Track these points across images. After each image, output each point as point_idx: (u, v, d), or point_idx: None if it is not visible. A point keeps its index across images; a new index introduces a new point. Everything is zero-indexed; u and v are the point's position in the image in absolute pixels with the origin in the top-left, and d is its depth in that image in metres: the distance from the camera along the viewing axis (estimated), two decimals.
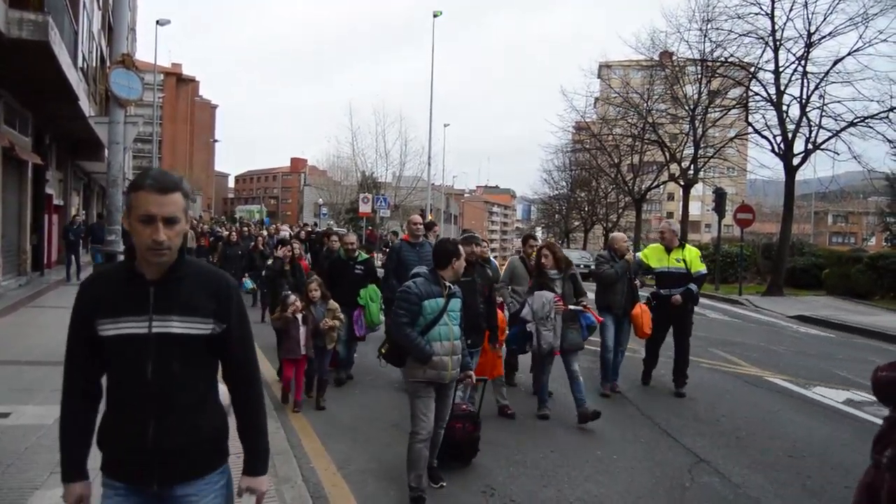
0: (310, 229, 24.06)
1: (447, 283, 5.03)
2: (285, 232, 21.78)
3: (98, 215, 28.54)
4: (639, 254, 9.67)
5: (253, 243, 16.73)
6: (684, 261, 8.63)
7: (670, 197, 73.08)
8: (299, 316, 7.31)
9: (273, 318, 7.63)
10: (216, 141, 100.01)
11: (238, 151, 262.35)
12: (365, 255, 9.01)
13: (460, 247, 5.31)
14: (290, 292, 7.89)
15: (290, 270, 9.48)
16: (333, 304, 7.66)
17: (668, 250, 8.75)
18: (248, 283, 14.78)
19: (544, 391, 7.44)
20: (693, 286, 8.60)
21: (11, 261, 16.15)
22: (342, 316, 7.76)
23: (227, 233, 21.55)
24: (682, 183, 32.46)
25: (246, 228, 21.35)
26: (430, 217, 40.07)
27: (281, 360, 7.83)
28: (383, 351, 5.29)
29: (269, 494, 4.65)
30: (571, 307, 7.24)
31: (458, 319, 5.02)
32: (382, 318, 8.28)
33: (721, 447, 6.41)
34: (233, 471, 2.68)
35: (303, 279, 8.78)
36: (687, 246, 8.98)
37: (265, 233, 21.65)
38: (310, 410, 7.36)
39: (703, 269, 8.83)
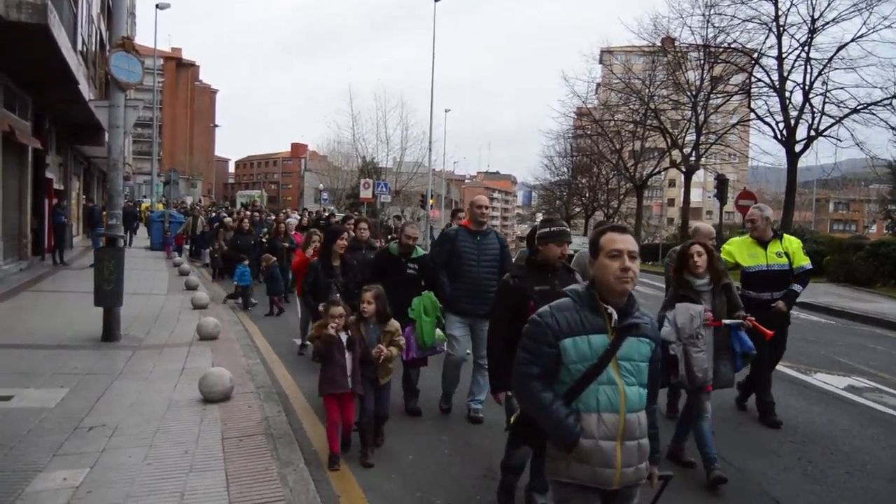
0: (322, 215, 23.29)
1: (611, 311, 2.86)
2: (294, 218, 20.77)
3: (88, 199, 28.45)
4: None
5: (266, 229, 16.16)
6: (787, 254, 6.91)
7: (671, 183, 73.03)
8: (343, 336, 5.33)
9: (311, 334, 5.61)
10: (216, 126, 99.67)
11: (238, 136, 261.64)
12: (420, 251, 7.18)
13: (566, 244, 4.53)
14: (338, 296, 6.45)
15: (341, 267, 7.54)
16: (394, 324, 5.66)
17: (762, 243, 6.99)
18: (248, 274, 14.09)
19: (709, 442, 5.17)
20: (797, 286, 6.92)
21: (12, 245, 16.14)
22: (403, 341, 5.86)
23: (228, 218, 21.16)
24: (683, 169, 32.40)
25: (257, 214, 20.65)
26: (431, 202, 40.06)
27: (322, 394, 5.45)
28: (512, 421, 3.37)
29: (271, 478, 4.68)
30: (727, 322, 5.47)
31: (639, 376, 2.89)
32: (441, 334, 6.57)
33: (723, 432, 6.42)
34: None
35: (355, 280, 7.17)
36: (785, 235, 7.20)
37: (291, 217, 20.85)
38: (312, 395, 7.36)
39: (807, 263, 7.00)
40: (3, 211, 14.65)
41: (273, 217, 22.16)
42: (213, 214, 26.75)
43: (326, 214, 23.46)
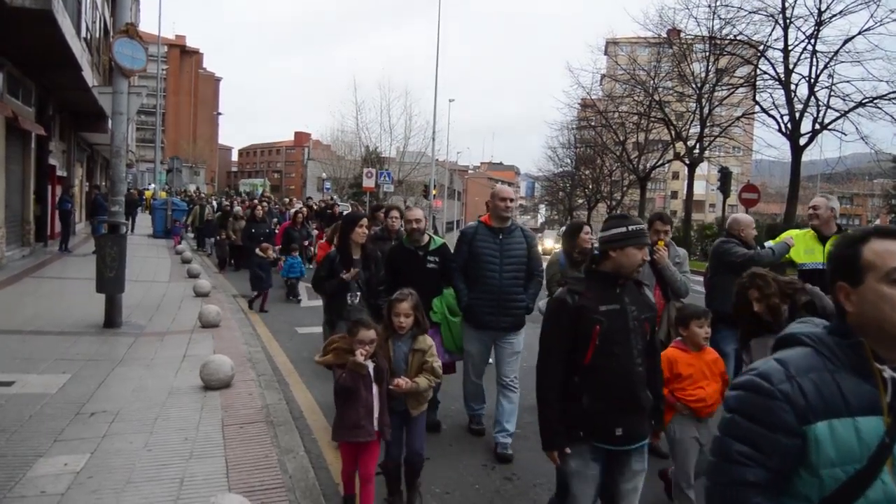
0: (328, 204, 22.60)
1: (889, 375, 1.61)
2: (299, 206, 20.08)
3: (94, 186, 28.42)
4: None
5: (276, 219, 15.63)
6: None
7: (675, 176, 72.90)
8: (370, 365, 4.07)
9: (324, 357, 4.24)
10: (219, 114, 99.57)
11: (242, 125, 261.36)
12: (439, 240, 6.17)
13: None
14: (361, 310, 5.56)
15: (362, 260, 5.97)
16: (426, 341, 4.40)
17: (823, 238, 6.03)
18: (300, 264, 13.58)
19: None
20: None
21: (15, 231, 16.15)
22: (439, 365, 4.42)
23: (238, 207, 20.51)
24: (687, 162, 32.28)
25: (265, 202, 19.54)
26: (434, 192, 39.97)
27: (338, 440, 4.34)
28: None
29: (271, 465, 4.70)
30: None
31: None
32: None
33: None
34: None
35: (379, 276, 5.99)
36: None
37: (296, 207, 20.04)
38: (312, 383, 7.38)
39: None
40: (7, 197, 14.65)
41: (277, 206, 22.00)
42: (217, 203, 26.54)
43: (332, 203, 22.88)
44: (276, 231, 15.64)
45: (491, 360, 5.94)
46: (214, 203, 24.55)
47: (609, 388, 3.22)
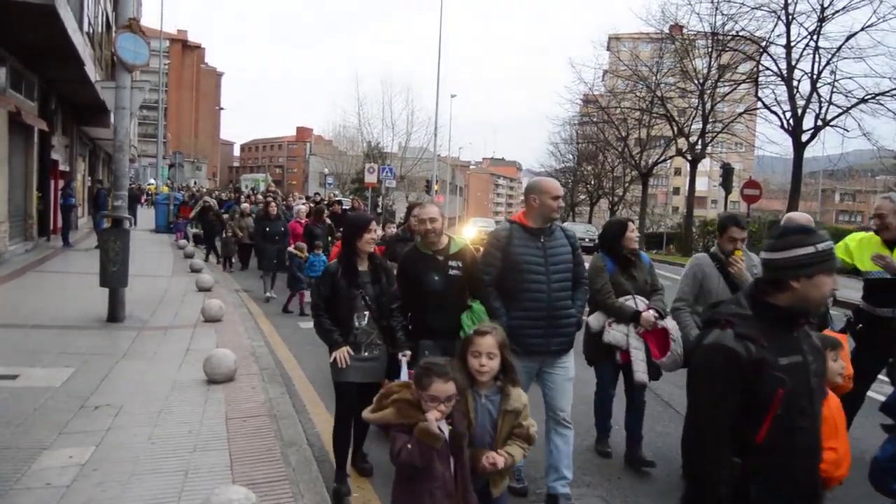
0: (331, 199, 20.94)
1: None
2: (301, 205, 17.48)
3: (96, 181, 28.43)
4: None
5: (291, 215, 14.47)
6: None
7: (677, 172, 72.83)
8: (446, 430, 3.00)
9: (379, 413, 3.14)
10: (221, 109, 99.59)
11: (244, 120, 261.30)
12: (460, 240, 5.06)
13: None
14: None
15: (371, 272, 4.75)
16: (521, 397, 3.39)
17: (890, 244, 5.37)
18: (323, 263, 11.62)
19: None
20: None
21: (18, 226, 16.18)
22: (535, 431, 3.43)
23: (245, 203, 19.41)
24: (689, 158, 32.29)
25: (271, 197, 17.95)
26: (436, 188, 39.95)
27: None
28: None
29: (275, 457, 4.73)
30: None
31: None
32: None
33: None
34: None
35: (392, 292, 4.81)
36: None
37: (298, 203, 18.63)
38: (314, 377, 7.41)
39: None
40: (10, 191, 14.68)
41: (285, 201, 21.63)
42: (218, 198, 26.23)
43: (335, 199, 21.35)
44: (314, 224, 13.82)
45: None
46: (213, 199, 23.90)
47: (791, 477, 2.38)
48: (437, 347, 4.60)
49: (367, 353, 4.54)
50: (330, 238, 13.24)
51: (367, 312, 4.58)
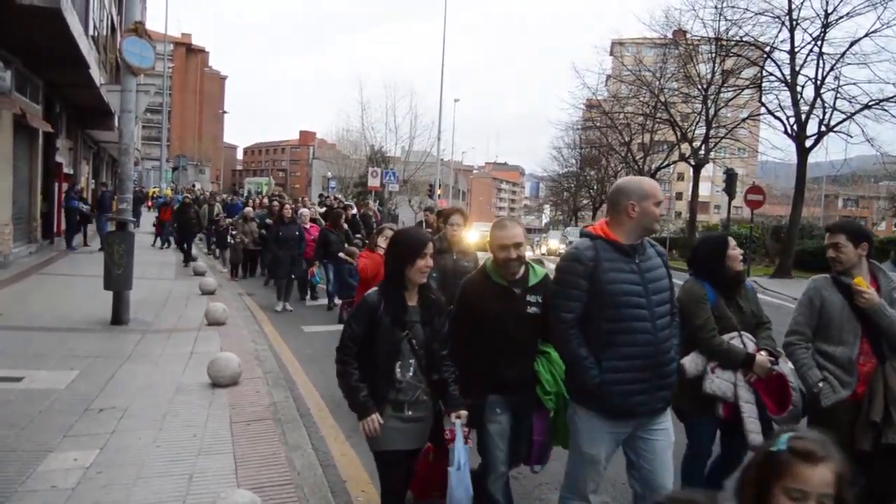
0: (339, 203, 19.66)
1: None
2: (307, 210, 15.18)
3: (100, 184, 28.48)
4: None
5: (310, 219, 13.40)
6: None
7: (680, 177, 72.67)
8: None
9: None
10: (225, 112, 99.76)
11: (247, 123, 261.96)
12: (541, 270, 3.91)
13: None
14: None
15: (421, 307, 3.63)
16: None
17: None
18: (319, 276, 12.13)
19: None
20: None
21: (22, 228, 16.21)
22: None
23: (249, 208, 18.72)
24: (692, 163, 32.27)
25: (275, 199, 17.24)
26: (438, 192, 39.99)
27: None
28: None
29: (279, 461, 4.73)
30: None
31: None
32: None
33: None
34: None
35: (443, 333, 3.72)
36: None
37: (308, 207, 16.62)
38: (319, 381, 7.41)
39: None
40: (14, 194, 14.72)
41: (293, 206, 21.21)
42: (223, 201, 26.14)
43: (345, 203, 20.38)
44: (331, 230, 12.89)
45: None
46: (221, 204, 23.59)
47: None
48: (506, 404, 3.78)
49: (411, 413, 3.51)
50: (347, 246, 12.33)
51: (413, 361, 3.51)
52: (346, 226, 12.99)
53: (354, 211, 17.66)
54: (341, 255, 11.34)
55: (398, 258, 3.55)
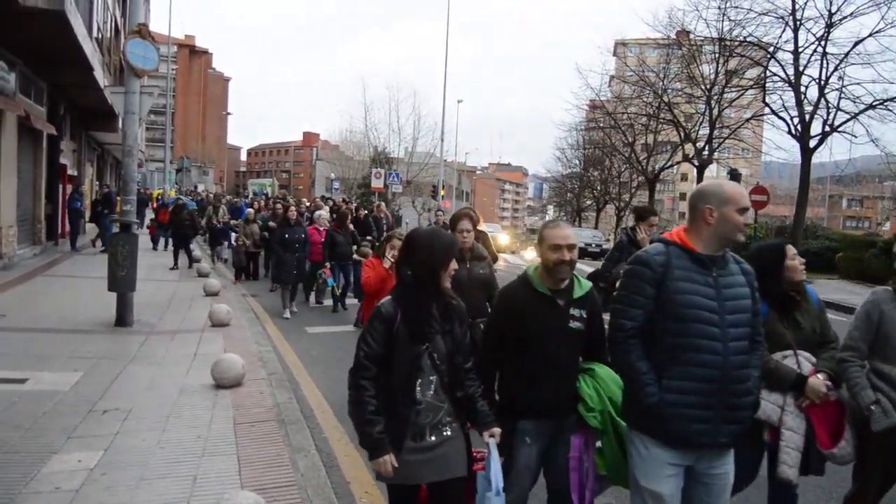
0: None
1: None
2: (325, 212, 14.61)
3: (104, 185, 28.51)
4: None
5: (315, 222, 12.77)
6: None
7: (684, 177, 72.55)
8: None
9: None
10: (228, 114, 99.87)
11: (250, 125, 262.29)
12: (587, 283, 3.56)
13: None
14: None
15: (441, 316, 3.16)
16: None
17: None
18: (332, 279, 11.84)
19: None
20: None
21: (27, 230, 16.26)
22: None
23: (250, 209, 18.20)
24: (696, 163, 32.19)
25: (279, 203, 16.50)
26: (442, 193, 40.01)
27: None
28: None
29: (283, 463, 4.73)
30: None
31: None
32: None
33: None
34: None
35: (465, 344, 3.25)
36: None
37: (323, 210, 15.70)
38: (322, 382, 7.41)
39: None
40: (18, 196, 14.75)
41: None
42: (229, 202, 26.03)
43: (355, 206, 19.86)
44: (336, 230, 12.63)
45: None
46: (225, 205, 23.31)
47: None
48: (539, 433, 3.42)
49: (433, 438, 3.04)
50: (356, 247, 12.37)
51: (434, 377, 3.05)
52: (351, 226, 12.72)
53: (364, 212, 17.29)
54: (356, 256, 11.10)
55: (428, 263, 3.06)
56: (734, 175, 26.42)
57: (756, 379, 3.07)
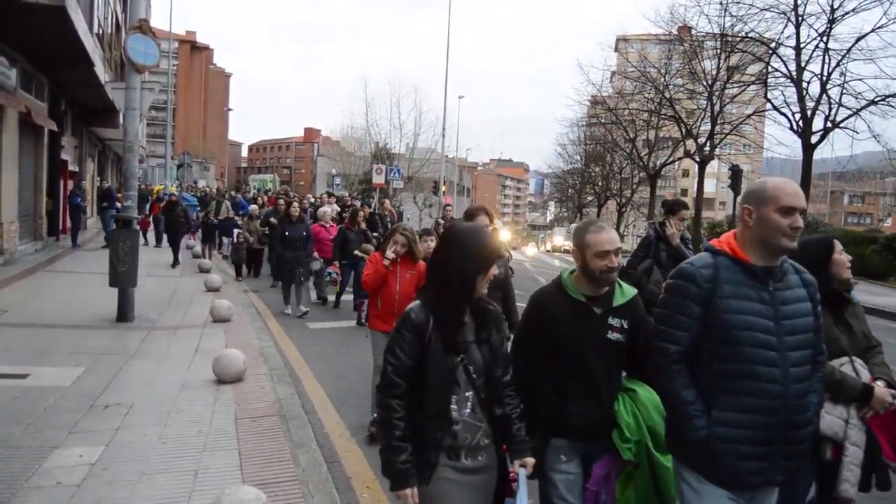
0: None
1: None
2: (329, 208, 14.60)
3: (104, 181, 28.48)
4: None
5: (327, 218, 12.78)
6: None
7: (685, 173, 72.76)
8: None
9: None
10: (230, 110, 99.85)
11: (251, 121, 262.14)
12: (630, 290, 3.20)
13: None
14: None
15: (476, 322, 2.79)
16: None
17: None
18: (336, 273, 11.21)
19: None
20: None
21: (28, 226, 16.27)
22: None
23: (254, 206, 17.95)
24: (697, 159, 32.18)
25: (281, 199, 16.06)
26: (443, 189, 39.98)
27: None
28: None
29: (284, 458, 4.73)
30: None
31: None
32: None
33: None
34: None
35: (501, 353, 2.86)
36: None
37: (327, 206, 15.36)
38: (324, 378, 7.42)
39: None
40: (20, 191, 14.76)
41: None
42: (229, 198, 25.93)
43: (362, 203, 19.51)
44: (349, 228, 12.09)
45: None
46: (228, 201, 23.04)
47: None
48: (574, 451, 3.11)
49: (469, 461, 2.69)
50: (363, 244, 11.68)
51: (470, 393, 2.68)
52: (363, 224, 12.56)
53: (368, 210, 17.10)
54: (357, 252, 10.87)
55: (466, 264, 2.66)
56: (735, 171, 26.33)
57: (816, 406, 2.71)
